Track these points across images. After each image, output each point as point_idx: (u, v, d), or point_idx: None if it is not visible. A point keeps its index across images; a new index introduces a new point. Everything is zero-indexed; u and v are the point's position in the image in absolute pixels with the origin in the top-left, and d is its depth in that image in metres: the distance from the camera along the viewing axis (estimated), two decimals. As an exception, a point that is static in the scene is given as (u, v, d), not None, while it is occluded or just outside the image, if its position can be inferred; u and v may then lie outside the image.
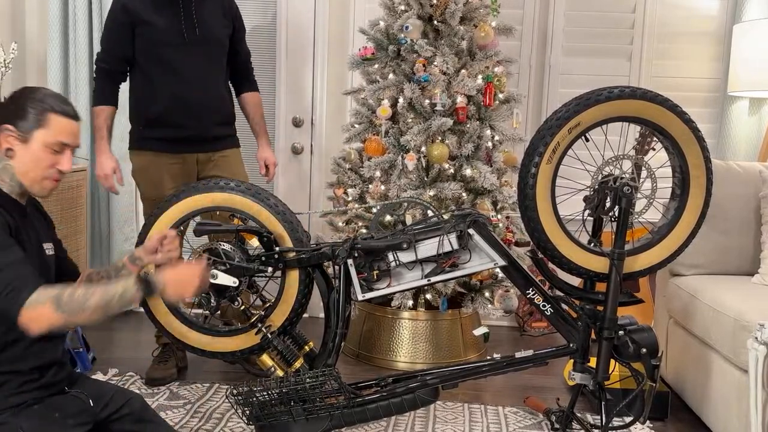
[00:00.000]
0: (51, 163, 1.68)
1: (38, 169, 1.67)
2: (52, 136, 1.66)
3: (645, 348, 2.06)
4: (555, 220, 2.11)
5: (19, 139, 1.66)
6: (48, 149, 1.67)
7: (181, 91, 2.69)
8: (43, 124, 1.66)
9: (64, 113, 1.69)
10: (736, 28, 3.40)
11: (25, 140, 1.65)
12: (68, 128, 1.69)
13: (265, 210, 2.17)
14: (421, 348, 3.09)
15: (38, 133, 1.65)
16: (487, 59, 3.06)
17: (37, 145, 1.66)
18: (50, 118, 1.66)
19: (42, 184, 1.70)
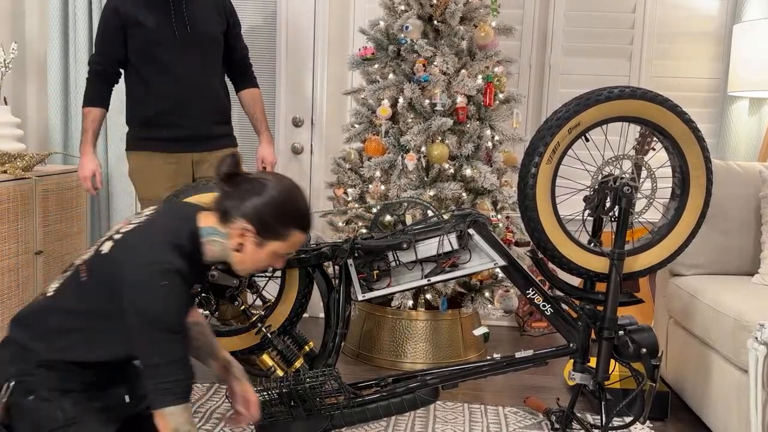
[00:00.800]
0: (268, 264, 1.71)
1: (255, 267, 1.71)
2: (286, 248, 1.68)
3: (645, 348, 2.06)
4: (555, 220, 2.11)
5: (255, 243, 1.65)
6: (274, 257, 1.69)
7: (175, 90, 2.67)
8: (285, 238, 1.66)
9: (305, 229, 1.70)
10: (736, 28, 3.40)
11: (260, 245, 1.65)
12: (300, 241, 1.70)
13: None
14: (421, 348, 3.09)
15: (274, 244, 1.66)
16: (487, 59, 3.06)
17: (267, 253, 1.67)
18: (292, 233, 1.66)
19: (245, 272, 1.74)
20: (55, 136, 3.49)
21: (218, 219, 1.67)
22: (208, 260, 1.69)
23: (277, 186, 1.66)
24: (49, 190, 2.94)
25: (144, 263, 1.58)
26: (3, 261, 2.61)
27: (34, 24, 3.58)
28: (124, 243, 1.66)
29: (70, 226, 3.13)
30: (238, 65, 2.92)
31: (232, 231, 1.65)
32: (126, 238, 1.67)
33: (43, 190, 2.88)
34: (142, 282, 1.56)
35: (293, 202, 1.67)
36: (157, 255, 1.59)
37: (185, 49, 2.67)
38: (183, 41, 2.66)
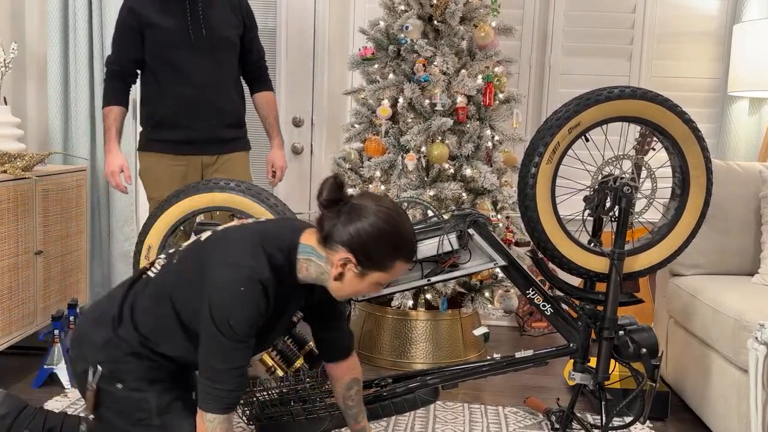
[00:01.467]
0: (366, 292, 1.68)
1: (351, 293, 1.66)
2: (388, 278, 1.63)
3: (645, 348, 2.06)
4: (555, 220, 2.11)
5: (356, 273, 1.60)
6: (374, 287, 1.64)
7: (189, 92, 2.67)
8: (388, 269, 1.61)
9: (411, 258, 1.66)
10: (736, 28, 3.40)
11: (362, 275, 1.60)
12: (406, 269, 1.68)
13: (265, 210, 2.17)
14: (421, 348, 3.09)
15: (377, 275, 1.61)
16: (487, 59, 3.06)
17: (368, 283, 1.62)
18: (396, 264, 1.61)
19: (341, 297, 1.70)
20: (55, 136, 3.49)
21: (319, 240, 1.61)
22: (301, 279, 1.64)
23: (379, 213, 1.58)
24: (49, 190, 2.93)
25: (231, 262, 1.56)
26: (3, 261, 2.61)
27: (34, 24, 3.58)
28: (221, 235, 1.66)
29: (70, 226, 3.12)
30: (253, 68, 2.91)
31: (332, 258, 1.60)
32: (225, 232, 1.67)
33: (43, 190, 2.88)
34: (222, 280, 1.54)
35: (397, 232, 1.60)
36: (245, 257, 1.56)
37: (200, 52, 2.66)
38: (199, 44, 2.65)
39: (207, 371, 1.56)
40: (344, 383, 1.90)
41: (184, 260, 1.69)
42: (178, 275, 1.67)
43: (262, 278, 1.54)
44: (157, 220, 2.21)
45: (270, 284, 1.55)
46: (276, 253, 1.59)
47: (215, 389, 1.55)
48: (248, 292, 1.53)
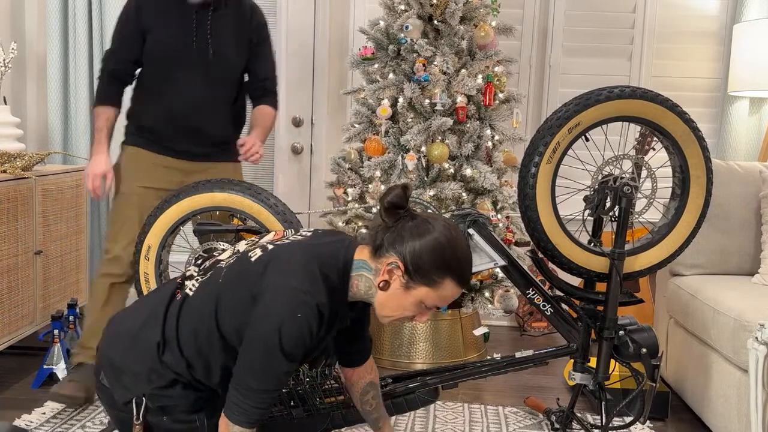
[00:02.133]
0: (412, 315, 1.57)
1: (395, 312, 1.56)
2: (434, 299, 1.54)
3: (645, 348, 2.05)
4: (555, 220, 2.11)
5: (403, 283, 1.53)
6: (420, 304, 1.54)
7: (177, 110, 2.51)
8: (435, 286, 1.52)
9: (461, 282, 1.54)
10: (736, 28, 3.40)
11: (407, 288, 1.53)
12: (454, 295, 1.56)
13: (265, 210, 2.17)
14: (421, 348, 3.09)
15: (423, 290, 1.52)
16: (487, 59, 3.05)
17: (413, 299, 1.53)
18: (447, 283, 1.52)
19: (385, 319, 1.59)
20: (54, 135, 3.49)
21: (371, 253, 1.56)
22: (351, 298, 1.60)
23: (442, 229, 1.53)
24: (49, 190, 2.93)
25: (287, 285, 1.50)
26: (3, 261, 2.61)
27: (34, 24, 3.58)
28: (273, 255, 1.58)
29: (70, 226, 3.13)
30: (257, 86, 2.69)
31: (380, 267, 1.54)
32: (277, 252, 1.59)
33: (43, 190, 2.88)
34: (278, 304, 1.49)
35: (454, 249, 1.53)
36: (302, 281, 1.51)
37: (199, 69, 2.50)
38: (199, 62, 2.49)
39: (242, 387, 1.52)
40: (360, 387, 1.88)
41: (230, 281, 1.61)
42: (224, 296, 1.59)
43: (320, 303, 1.50)
44: (157, 219, 2.21)
45: (326, 309, 1.51)
46: (332, 275, 1.55)
47: (246, 404, 1.52)
48: (305, 318, 1.48)
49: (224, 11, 2.55)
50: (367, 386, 1.88)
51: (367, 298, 1.60)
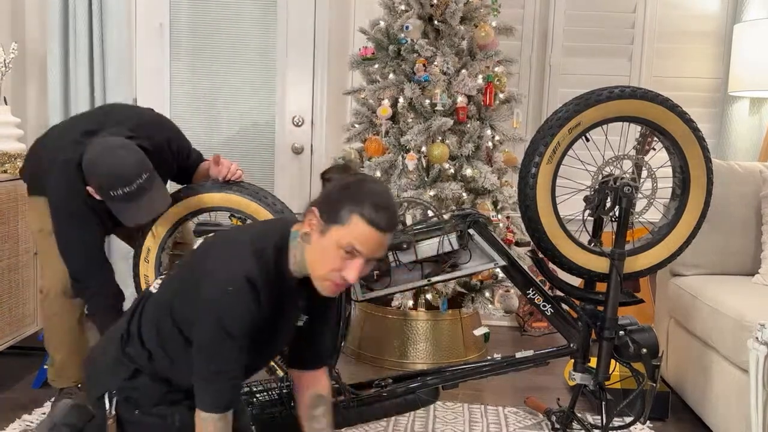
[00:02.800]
0: (337, 267, 1.52)
1: (323, 266, 1.53)
2: (348, 238, 1.49)
3: (645, 348, 2.06)
4: (555, 220, 2.11)
5: (318, 227, 1.53)
6: (340, 251, 1.50)
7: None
8: (345, 222, 1.49)
9: (371, 221, 1.49)
10: (736, 28, 3.40)
11: (322, 231, 1.52)
12: (367, 237, 1.49)
13: (264, 209, 2.17)
14: (421, 348, 3.09)
15: (336, 231, 1.50)
16: (487, 59, 3.06)
17: (329, 242, 1.51)
18: (353, 219, 1.49)
19: (322, 283, 1.56)
20: (55, 136, 3.49)
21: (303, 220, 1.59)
22: (293, 271, 1.60)
23: (354, 176, 1.57)
24: (49, 190, 2.93)
25: (218, 263, 1.55)
26: (3, 261, 2.61)
27: (34, 24, 3.58)
28: (212, 240, 1.66)
29: (70, 226, 3.12)
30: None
31: (303, 223, 1.57)
32: (216, 236, 1.67)
33: (43, 190, 2.88)
34: (211, 281, 1.52)
35: (360, 187, 1.54)
36: (231, 256, 1.54)
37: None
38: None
39: (200, 373, 1.54)
40: (309, 398, 1.78)
41: (180, 271, 1.68)
42: (175, 286, 1.64)
43: (250, 275, 1.50)
44: (156, 221, 2.21)
45: (258, 281, 1.51)
46: (267, 248, 1.56)
47: (208, 389, 1.54)
48: (236, 292, 1.49)
49: None
50: (317, 399, 1.78)
51: (304, 265, 1.58)
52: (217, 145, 3.65)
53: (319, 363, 1.80)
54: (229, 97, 3.74)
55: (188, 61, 3.71)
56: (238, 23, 3.70)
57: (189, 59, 3.70)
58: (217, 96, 3.73)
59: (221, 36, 3.70)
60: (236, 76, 3.73)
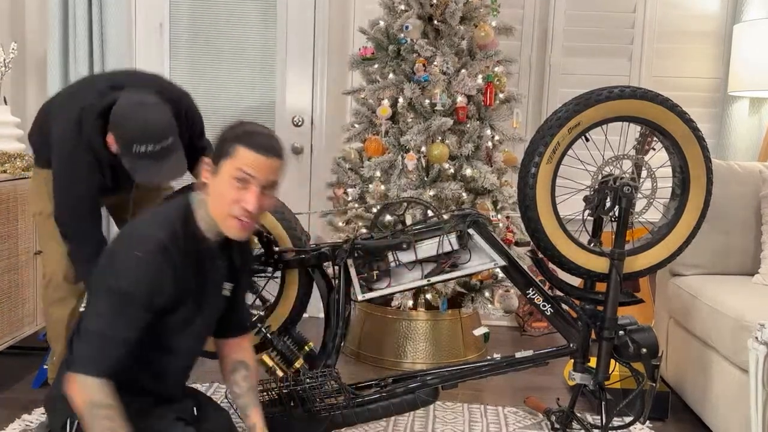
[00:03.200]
0: (235, 198, 1.56)
1: (223, 203, 1.57)
2: (236, 165, 1.55)
3: (645, 348, 2.06)
4: (555, 220, 2.11)
5: (211, 170, 1.59)
6: (233, 181, 1.55)
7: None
8: (231, 154, 1.56)
9: (252, 146, 1.56)
10: (736, 28, 3.40)
11: (215, 172, 1.58)
12: (253, 161, 1.55)
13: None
14: (421, 348, 3.09)
15: (225, 164, 1.56)
16: (487, 59, 3.06)
17: (222, 177, 1.56)
18: (238, 149, 1.55)
19: (227, 223, 1.58)
20: (55, 136, 3.49)
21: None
22: (204, 231, 1.63)
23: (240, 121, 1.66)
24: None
25: (125, 235, 1.60)
26: (3, 261, 2.61)
27: (34, 24, 3.58)
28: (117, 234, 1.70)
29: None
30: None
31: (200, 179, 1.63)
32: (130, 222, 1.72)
33: (43, 190, 2.88)
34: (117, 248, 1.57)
35: (244, 125, 1.62)
36: (139, 227, 1.60)
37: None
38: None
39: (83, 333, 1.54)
40: (230, 363, 1.81)
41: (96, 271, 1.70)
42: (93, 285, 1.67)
43: (158, 238, 1.54)
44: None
45: (169, 245, 1.54)
46: (171, 216, 1.60)
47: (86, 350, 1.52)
48: (144, 253, 1.52)
49: None
50: (238, 363, 1.81)
51: (210, 219, 1.62)
52: (217, 145, 3.65)
53: (241, 330, 1.85)
54: (228, 96, 3.74)
55: (188, 61, 3.71)
56: (238, 23, 3.71)
57: (189, 59, 3.71)
58: (217, 96, 3.73)
59: (221, 36, 3.71)
60: (236, 76, 3.73)
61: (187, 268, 1.59)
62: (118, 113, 1.96)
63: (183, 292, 1.59)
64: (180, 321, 1.63)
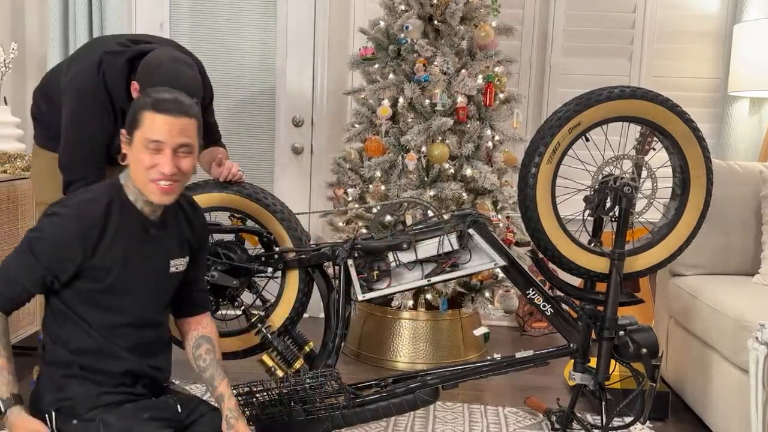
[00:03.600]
0: (150, 164, 1.58)
1: (141, 171, 1.59)
2: (145, 133, 1.57)
3: (645, 348, 2.05)
4: (555, 220, 2.11)
5: (127, 142, 1.61)
6: (146, 149, 1.58)
7: None
8: (140, 122, 1.58)
9: (158, 110, 1.58)
10: (736, 28, 3.40)
11: (130, 143, 1.60)
12: (161, 125, 1.57)
13: (264, 210, 2.17)
14: (421, 348, 3.09)
15: (137, 133, 1.58)
16: (487, 59, 3.06)
17: (136, 146, 1.59)
18: (145, 116, 1.58)
19: (148, 188, 1.60)
20: (55, 136, 3.49)
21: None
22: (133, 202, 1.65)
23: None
24: (49, 190, 2.93)
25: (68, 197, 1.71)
26: (3, 261, 2.61)
27: (34, 24, 3.58)
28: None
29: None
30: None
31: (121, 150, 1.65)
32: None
33: (43, 190, 2.88)
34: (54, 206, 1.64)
35: (150, 91, 1.64)
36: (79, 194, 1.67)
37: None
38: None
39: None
40: (192, 340, 1.82)
41: None
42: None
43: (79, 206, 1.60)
44: None
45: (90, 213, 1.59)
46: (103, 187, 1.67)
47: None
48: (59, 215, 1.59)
49: None
50: (200, 338, 1.82)
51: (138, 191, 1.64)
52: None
53: (201, 308, 1.86)
54: (228, 96, 3.74)
55: (188, 61, 3.71)
56: (238, 23, 3.71)
57: (189, 59, 3.70)
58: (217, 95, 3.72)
59: (221, 36, 3.71)
60: (236, 76, 3.73)
61: (117, 239, 1.62)
62: (152, 63, 1.94)
63: (109, 261, 1.61)
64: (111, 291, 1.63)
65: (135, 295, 1.66)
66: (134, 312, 1.67)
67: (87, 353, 1.63)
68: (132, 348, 1.67)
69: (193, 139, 1.63)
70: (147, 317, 1.71)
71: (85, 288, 1.61)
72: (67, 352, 1.64)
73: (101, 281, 1.61)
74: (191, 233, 1.79)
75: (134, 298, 1.66)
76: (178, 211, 1.76)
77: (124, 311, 1.65)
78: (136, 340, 1.68)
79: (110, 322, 1.64)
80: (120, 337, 1.65)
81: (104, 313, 1.63)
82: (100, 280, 1.61)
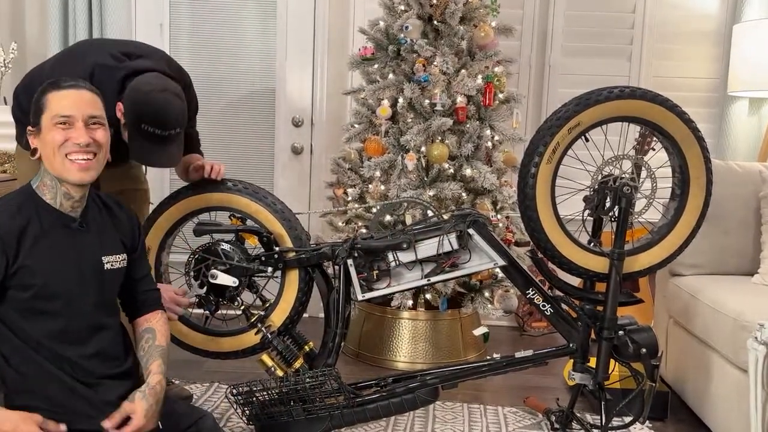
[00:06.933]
0: (64, 138, 1.58)
1: (54, 150, 1.58)
2: (52, 112, 1.58)
3: (645, 348, 2.06)
4: (555, 220, 2.11)
5: (34, 133, 1.62)
6: (54, 127, 1.58)
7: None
8: (45, 106, 1.59)
9: (59, 87, 1.60)
10: (736, 28, 3.40)
11: (39, 131, 1.60)
12: (65, 100, 1.59)
13: (264, 209, 2.17)
14: (421, 348, 3.09)
15: (44, 118, 1.59)
16: (487, 59, 3.06)
17: (46, 130, 1.59)
18: (48, 97, 1.60)
19: (65, 168, 1.58)
20: (54, 136, 3.49)
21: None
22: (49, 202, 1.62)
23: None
24: (49, 190, 2.93)
25: None
26: (3, 261, 2.60)
27: (34, 24, 3.58)
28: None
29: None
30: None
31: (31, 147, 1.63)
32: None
33: (43, 190, 2.88)
34: None
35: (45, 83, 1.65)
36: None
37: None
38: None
39: None
40: (138, 335, 1.78)
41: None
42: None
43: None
44: (156, 222, 2.21)
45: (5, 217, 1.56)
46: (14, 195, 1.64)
47: None
48: None
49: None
50: (144, 332, 1.78)
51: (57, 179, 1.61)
52: (217, 145, 3.65)
53: (150, 306, 1.83)
54: (228, 96, 3.74)
55: (188, 62, 3.70)
56: (237, 23, 3.71)
57: (189, 59, 3.70)
58: (217, 95, 3.73)
59: (221, 36, 3.71)
60: (236, 76, 3.73)
61: (40, 240, 1.58)
62: (141, 89, 1.93)
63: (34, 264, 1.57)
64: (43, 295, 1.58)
65: (69, 296, 1.61)
66: (72, 314, 1.61)
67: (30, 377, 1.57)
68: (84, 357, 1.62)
69: (102, 113, 1.64)
70: (91, 320, 1.65)
71: (17, 297, 1.56)
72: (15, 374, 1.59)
73: (30, 287, 1.56)
74: (121, 230, 1.75)
75: (68, 299, 1.61)
76: (101, 207, 1.74)
77: (63, 314, 1.60)
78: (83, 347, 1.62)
79: (50, 328, 1.59)
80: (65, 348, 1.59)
81: (44, 321, 1.58)
82: (29, 285, 1.56)
